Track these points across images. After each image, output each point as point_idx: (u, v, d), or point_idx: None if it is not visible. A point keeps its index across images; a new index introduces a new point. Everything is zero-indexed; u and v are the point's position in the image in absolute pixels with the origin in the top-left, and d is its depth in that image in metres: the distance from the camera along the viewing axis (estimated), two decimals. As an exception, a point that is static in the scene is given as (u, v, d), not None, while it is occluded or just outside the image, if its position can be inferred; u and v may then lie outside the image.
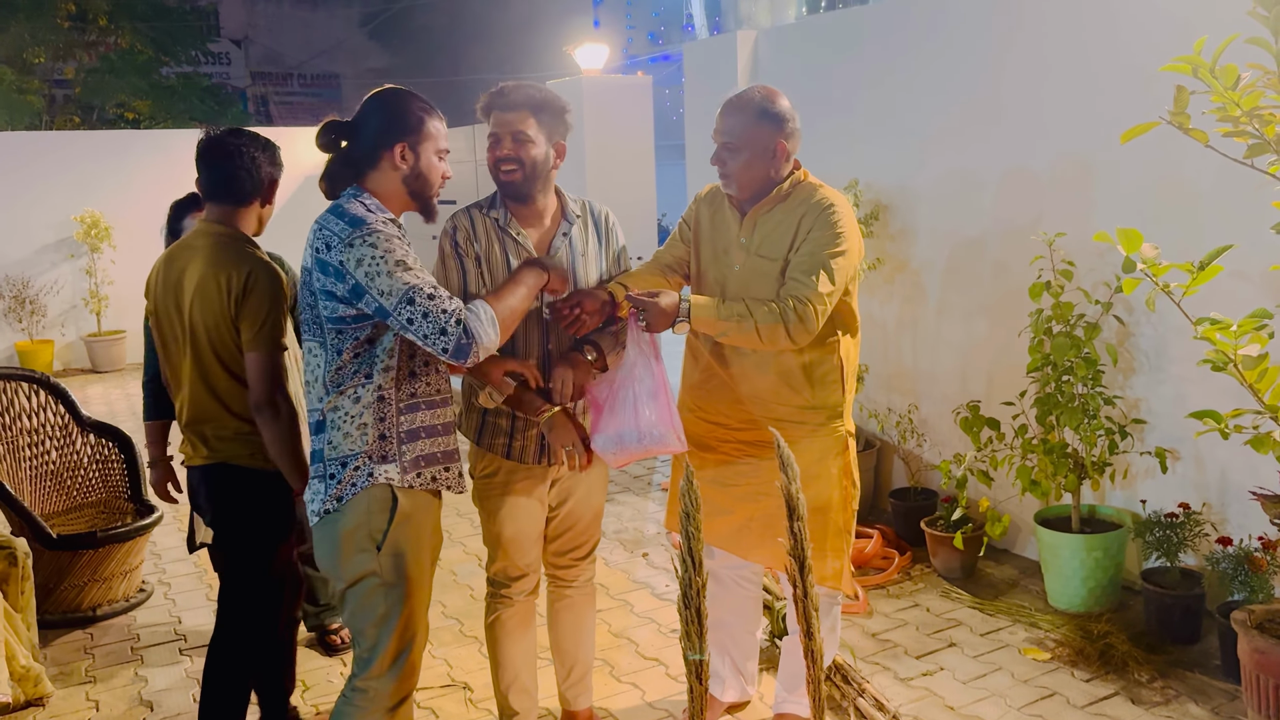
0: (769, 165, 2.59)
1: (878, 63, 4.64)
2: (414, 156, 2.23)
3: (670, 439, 2.49)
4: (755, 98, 2.60)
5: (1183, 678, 3.18)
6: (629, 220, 6.32)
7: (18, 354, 9.28)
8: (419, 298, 2.09)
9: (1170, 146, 2.98)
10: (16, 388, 4.31)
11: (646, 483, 5.46)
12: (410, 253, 2.16)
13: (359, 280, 2.09)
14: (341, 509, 2.19)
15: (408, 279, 2.09)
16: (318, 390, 2.22)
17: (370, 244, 2.10)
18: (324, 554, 2.28)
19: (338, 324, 2.15)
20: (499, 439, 2.62)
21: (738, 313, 2.48)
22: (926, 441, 4.57)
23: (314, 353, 2.22)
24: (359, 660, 2.30)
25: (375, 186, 2.23)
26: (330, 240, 2.12)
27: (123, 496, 4.43)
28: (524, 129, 2.47)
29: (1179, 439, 3.57)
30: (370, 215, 2.15)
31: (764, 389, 2.67)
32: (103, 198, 9.42)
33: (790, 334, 2.48)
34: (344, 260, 2.09)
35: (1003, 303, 4.13)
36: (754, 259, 2.63)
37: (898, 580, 4.01)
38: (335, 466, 2.20)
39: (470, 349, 2.12)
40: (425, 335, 2.10)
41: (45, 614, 3.82)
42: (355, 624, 2.28)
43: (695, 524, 1.96)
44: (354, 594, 2.25)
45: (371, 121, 2.23)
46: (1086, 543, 3.57)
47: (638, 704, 3.19)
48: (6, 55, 14.36)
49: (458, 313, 2.11)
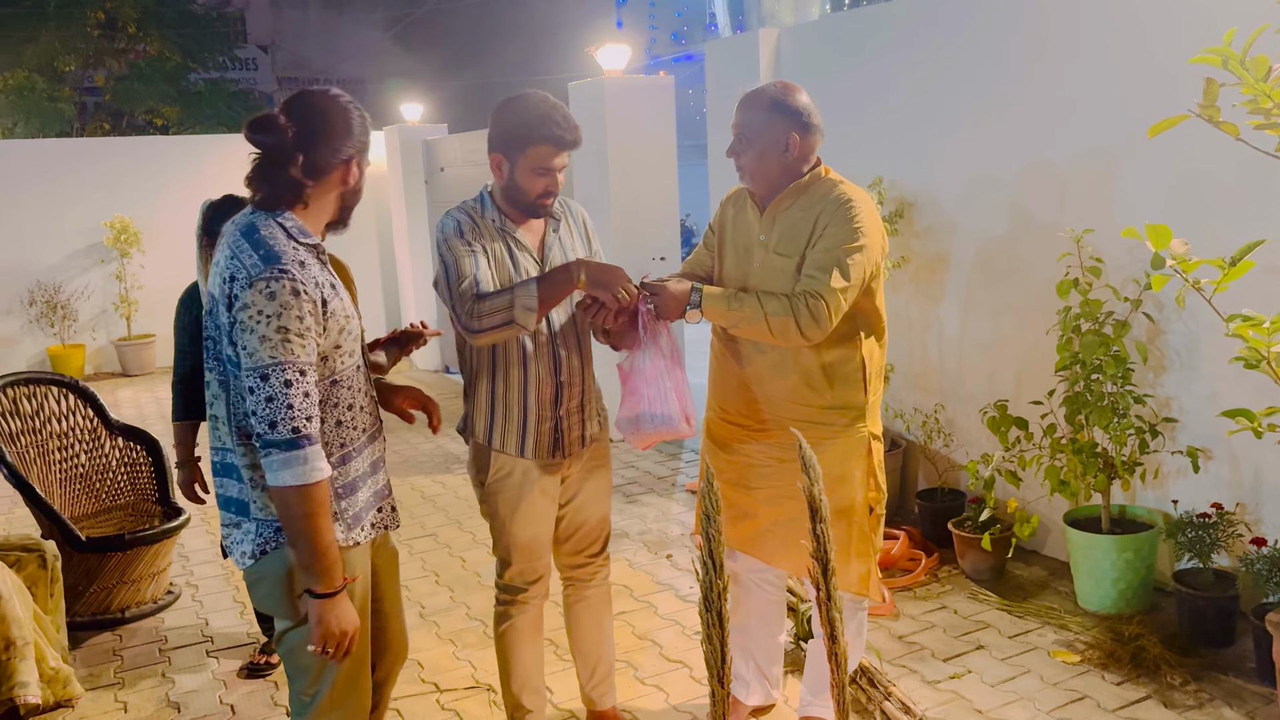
0: (781, 158, 2.58)
1: (901, 60, 4.60)
2: (359, 171, 2.11)
3: (678, 422, 2.52)
4: (770, 91, 2.61)
5: (1216, 681, 3.12)
6: (651, 220, 6.34)
7: (50, 359, 9.40)
8: (274, 378, 1.91)
9: (1199, 140, 2.94)
10: (46, 392, 4.36)
11: (670, 484, 5.45)
12: (308, 317, 1.95)
13: (237, 320, 1.93)
14: (281, 553, 2.04)
15: (276, 353, 1.91)
16: (224, 431, 2.04)
17: (268, 294, 1.91)
18: (260, 597, 2.13)
19: (234, 368, 1.96)
20: (511, 435, 2.61)
21: (749, 304, 2.49)
22: (953, 441, 4.53)
23: (214, 387, 2.04)
24: (301, 700, 2.16)
25: (309, 199, 2.06)
26: (236, 272, 1.94)
27: (151, 499, 4.47)
28: (566, 164, 2.61)
29: (1211, 438, 3.51)
30: (285, 253, 1.96)
31: (785, 390, 2.65)
32: (132, 203, 9.54)
33: (802, 330, 2.46)
34: (237, 295, 1.93)
35: (1030, 300, 4.08)
36: (772, 256, 2.63)
37: (925, 582, 3.97)
38: (267, 530, 2.04)
39: (274, 457, 1.91)
40: (255, 413, 1.91)
41: (75, 616, 3.86)
42: (298, 662, 2.13)
43: (716, 526, 1.94)
44: (297, 633, 2.10)
45: (330, 130, 2.03)
46: (1117, 543, 3.52)
47: (662, 707, 3.17)
48: (38, 64, 14.59)
49: (303, 424, 1.92)
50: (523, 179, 2.58)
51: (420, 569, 4.43)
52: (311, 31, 27.00)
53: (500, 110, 2.58)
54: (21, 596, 3.18)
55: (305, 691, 2.17)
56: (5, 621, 3.07)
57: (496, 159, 2.57)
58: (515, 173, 2.56)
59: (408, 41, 26.96)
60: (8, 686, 3.06)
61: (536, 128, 2.54)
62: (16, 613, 3.11)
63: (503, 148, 2.56)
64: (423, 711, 3.22)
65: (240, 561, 2.09)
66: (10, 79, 14.20)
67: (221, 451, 2.07)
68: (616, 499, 5.25)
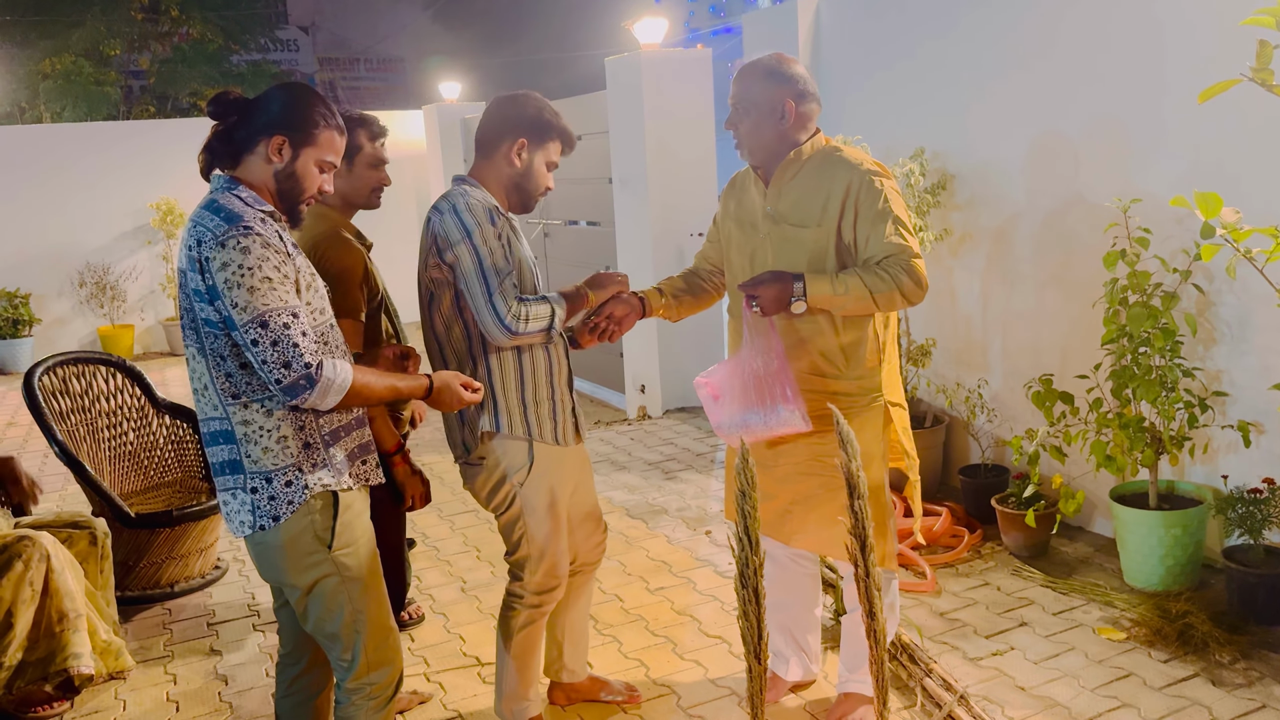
0: (778, 126, 2.60)
1: (943, 29, 4.50)
2: (291, 155, 2.12)
3: (796, 419, 2.54)
4: (765, 61, 2.64)
5: (1266, 659, 3.06)
6: (688, 194, 6.30)
7: (100, 339, 9.59)
8: (274, 322, 1.98)
9: (1252, 105, 2.85)
10: (95, 371, 4.44)
11: (710, 460, 5.44)
12: (284, 266, 2.04)
13: (217, 283, 1.99)
14: (279, 524, 2.11)
15: (268, 300, 1.98)
16: (211, 399, 2.10)
17: (241, 249, 1.98)
18: (267, 566, 2.19)
19: (213, 328, 2.04)
20: (546, 423, 2.61)
21: (853, 285, 2.50)
22: (997, 417, 4.46)
23: (195, 359, 2.10)
24: (341, 665, 2.25)
25: (247, 175, 2.13)
26: (202, 236, 2.01)
27: (197, 476, 4.55)
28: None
29: (1263, 412, 3.43)
30: (247, 210, 2.05)
31: (803, 370, 2.65)
32: (177, 185, 9.67)
33: (907, 296, 2.51)
34: (210, 258, 1.99)
35: (1076, 272, 4.00)
36: (782, 227, 2.64)
37: (967, 559, 3.93)
38: (259, 480, 2.09)
39: (303, 395, 2.01)
40: (265, 361, 1.98)
41: (125, 591, 3.95)
42: (325, 630, 2.22)
43: (751, 502, 1.93)
44: (315, 601, 2.18)
45: (266, 107, 2.13)
46: (1165, 519, 3.45)
47: (700, 680, 3.18)
48: (85, 49, 14.81)
49: (312, 357, 2.01)
50: (539, 170, 2.59)
51: (462, 544, 4.47)
52: (351, 12, 27.13)
53: (513, 100, 2.60)
54: (73, 570, 3.26)
55: (343, 657, 2.24)
56: (58, 595, 3.14)
57: (519, 144, 2.56)
58: (535, 162, 2.58)
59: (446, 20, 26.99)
60: (62, 658, 3.13)
61: (555, 122, 2.59)
62: (69, 586, 3.18)
63: (528, 133, 2.56)
64: (465, 684, 3.26)
65: (239, 530, 2.15)
66: (58, 64, 14.44)
67: (209, 420, 2.13)
68: (655, 475, 5.25)
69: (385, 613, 2.27)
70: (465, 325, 2.53)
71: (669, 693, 3.12)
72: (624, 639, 3.48)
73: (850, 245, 2.59)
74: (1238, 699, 2.87)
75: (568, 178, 7.18)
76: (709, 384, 2.68)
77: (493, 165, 2.59)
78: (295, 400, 2.02)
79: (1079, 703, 2.91)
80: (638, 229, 6.30)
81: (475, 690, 3.22)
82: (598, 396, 7.09)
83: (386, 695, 2.29)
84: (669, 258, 6.16)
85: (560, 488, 2.65)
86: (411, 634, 3.61)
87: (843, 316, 2.59)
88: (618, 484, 5.12)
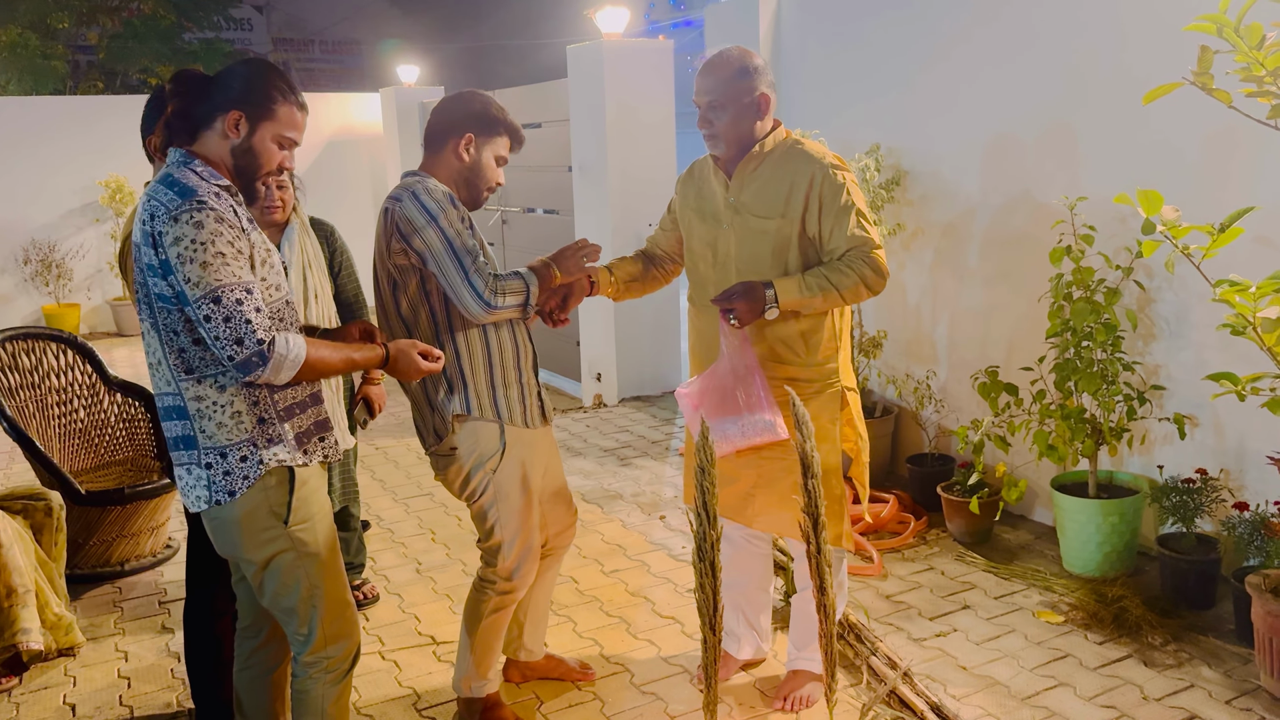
0: (754, 118, 2.66)
1: (901, 25, 4.59)
2: (248, 130, 2.12)
3: (775, 426, 2.60)
4: (734, 54, 2.67)
5: (1196, 641, 3.19)
6: (648, 183, 6.35)
7: (44, 317, 9.40)
8: (227, 298, 1.99)
9: (1194, 108, 2.96)
10: (45, 347, 4.38)
11: (665, 447, 5.50)
12: (238, 241, 2.05)
13: (170, 257, 1.99)
14: (235, 500, 2.13)
15: (221, 276, 1.99)
16: (164, 374, 2.11)
17: (195, 223, 1.99)
18: (223, 541, 2.20)
19: (166, 303, 2.04)
20: (515, 405, 2.64)
21: (820, 285, 2.58)
22: (944, 407, 4.58)
23: (149, 334, 2.12)
24: (298, 639, 2.26)
25: (204, 150, 2.13)
26: (156, 210, 2.02)
27: (149, 455, 4.51)
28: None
29: (1198, 405, 3.57)
30: (202, 185, 2.05)
31: (762, 356, 2.71)
32: (126, 163, 9.48)
33: (869, 286, 2.60)
34: (163, 232, 2.00)
35: (1023, 268, 4.12)
36: (745, 217, 2.69)
37: (913, 544, 4.04)
38: (213, 456, 2.10)
39: (256, 372, 2.02)
40: (217, 337, 1.99)
41: (75, 569, 3.91)
42: (281, 604, 2.23)
43: (710, 479, 1.99)
44: (271, 575, 2.19)
45: (227, 83, 2.13)
46: (1103, 508, 3.58)
47: (653, 658, 3.24)
48: (31, 21, 14.42)
49: (264, 333, 2.01)
50: (487, 164, 2.63)
51: (417, 527, 4.48)
52: (307, -8, 26.68)
53: (460, 98, 2.64)
54: (22, 544, 3.23)
55: (299, 631, 2.26)
56: (6, 569, 3.12)
57: (467, 139, 2.59)
58: (483, 157, 2.61)
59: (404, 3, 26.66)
60: (10, 633, 3.11)
61: (502, 117, 2.63)
62: (17, 560, 3.15)
63: (476, 128, 2.59)
64: (420, 662, 3.29)
65: (195, 505, 2.16)
66: (3, 35, 14.06)
67: (163, 396, 2.14)
68: (611, 461, 5.30)
69: (342, 587, 2.29)
70: (431, 309, 2.55)
71: (622, 670, 3.18)
72: (579, 619, 3.53)
73: (815, 238, 2.65)
74: (1168, 679, 3.00)
75: (527, 165, 7.18)
76: (688, 394, 2.72)
77: (441, 160, 2.61)
78: (249, 376, 2.04)
79: (1018, 682, 3.02)
80: (597, 217, 6.33)
81: (430, 668, 3.25)
82: (554, 384, 7.11)
83: (343, 669, 2.32)
84: (628, 246, 6.19)
85: (532, 470, 2.68)
86: (366, 613, 3.63)
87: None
88: (574, 470, 5.16)
